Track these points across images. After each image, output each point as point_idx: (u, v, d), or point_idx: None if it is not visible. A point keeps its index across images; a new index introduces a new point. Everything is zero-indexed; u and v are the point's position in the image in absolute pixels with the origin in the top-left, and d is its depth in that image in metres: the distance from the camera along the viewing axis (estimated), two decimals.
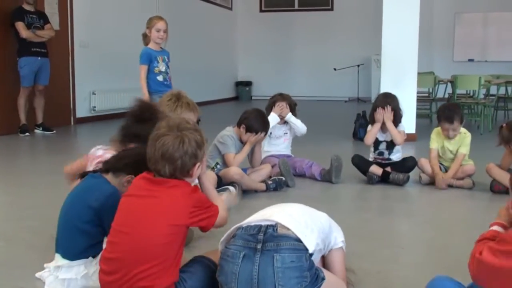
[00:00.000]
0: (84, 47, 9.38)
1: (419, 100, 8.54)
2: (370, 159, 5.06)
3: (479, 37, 15.21)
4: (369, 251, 3.16)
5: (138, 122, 2.95)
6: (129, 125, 2.99)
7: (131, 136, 2.89)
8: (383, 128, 4.97)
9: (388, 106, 4.92)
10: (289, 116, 5.26)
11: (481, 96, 9.39)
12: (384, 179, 4.88)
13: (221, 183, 4.26)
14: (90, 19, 9.52)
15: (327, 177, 4.92)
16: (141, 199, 2.23)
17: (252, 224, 2.22)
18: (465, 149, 4.82)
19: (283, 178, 4.67)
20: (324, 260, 2.39)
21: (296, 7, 15.76)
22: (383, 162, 5.02)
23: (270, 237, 2.14)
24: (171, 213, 2.16)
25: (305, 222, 2.27)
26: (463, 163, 4.80)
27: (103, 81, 9.75)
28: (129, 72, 9.85)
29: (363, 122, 7.50)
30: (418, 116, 7.80)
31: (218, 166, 4.52)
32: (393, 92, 7.11)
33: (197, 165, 2.26)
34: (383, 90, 7.40)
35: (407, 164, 4.94)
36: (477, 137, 6.59)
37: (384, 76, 7.52)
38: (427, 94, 10.14)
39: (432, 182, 4.83)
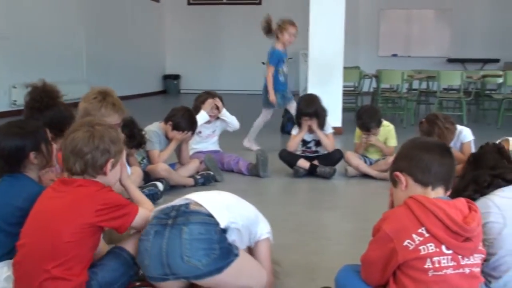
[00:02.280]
0: (5, 39, 9.00)
1: (345, 94, 8.71)
2: (298, 152, 5.11)
3: (403, 33, 15.66)
4: (297, 243, 3.19)
5: (38, 112, 2.86)
6: (27, 116, 2.90)
7: None
8: (310, 129, 5.03)
9: (314, 118, 4.95)
10: (224, 112, 5.23)
11: (404, 90, 9.68)
12: (311, 172, 4.94)
13: (149, 179, 4.19)
14: (10, 11, 9.15)
15: (254, 171, 4.93)
16: (48, 200, 2.18)
17: (169, 205, 2.25)
18: (393, 141, 4.97)
19: (211, 173, 4.65)
20: (250, 252, 2.40)
21: (224, 0, 15.71)
22: (311, 155, 5.08)
23: (182, 213, 2.17)
24: (75, 211, 2.10)
25: (222, 202, 2.31)
26: (386, 156, 4.93)
27: (24, 74, 9.38)
28: (51, 64, 9.59)
29: (290, 116, 7.55)
30: (344, 109, 7.95)
31: (144, 161, 4.44)
32: (320, 87, 7.29)
33: (110, 161, 2.20)
34: (310, 84, 7.53)
35: (333, 157, 5.02)
36: (400, 130, 6.77)
37: (311, 71, 7.62)
38: (353, 88, 10.35)
39: (358, 175, 4.95)
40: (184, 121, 4.51)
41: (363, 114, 4.95)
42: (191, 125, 4.56)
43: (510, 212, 2.10)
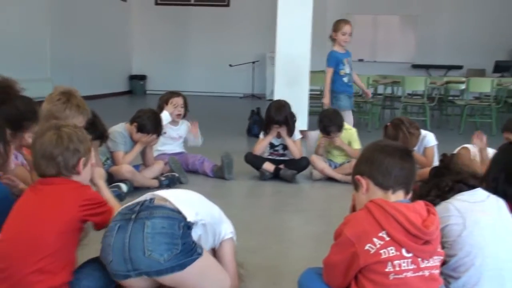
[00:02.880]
0: None
1: (312, 97, 8.74)
2: (265, 154, 5.11)
3: (369, 38, 15.83)
4: (261, 246, 3.19)
5: None
6: None
7: None
8: (278, 134, 5.03)
9: (284, 126, 4.95)
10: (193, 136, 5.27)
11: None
12: (277, 175, 4.95)
13: (112, 180, 4.14)
14: None
15: (219, 173, 4.91)
16: (30, 198, 2.18)
17: (134, 201, 2.25)
18: (357, 144, 5.01)
19: (176, 174, 4.62)
20: (215, 253, 2.39)
21: (192, 1, 15.64)
22: (278, 158, 5.09)
23: (145, 207, 2.17)
24: (60, 207, 2.12)
25: (188, 198, 2.31)
26: (351, 159, 4.97)
27: None
28: (13, 62, 9.36)
29: (257, 118, 7.59)
30: (311, 113, 7.98)
31: (108, 161, 4.38)
32: (287, 90, 7.31)
33: (82, 160, 2.21)
34: (277, 87, 7.55)
35: (300, 164, 5.03)
36: (365, 134, 6.85)
37: (278, 74, 7.63)
38: (319, 92, 10.39)
39: (323, 178, 4.98)
40: (149, 124, 4.46)
41: (324, 118, 4.99)
42: (156, 129, 4.51)
43: (469, 215, 2.15)
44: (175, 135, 5.23)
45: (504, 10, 15.04)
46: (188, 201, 2.27)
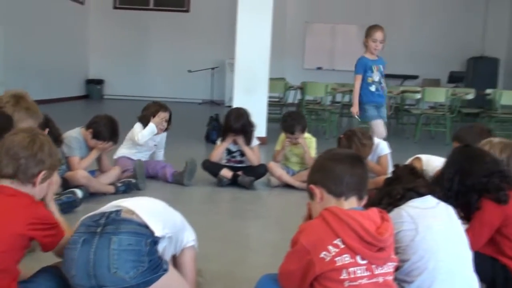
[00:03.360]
0: None
1: (270, 104, 8.78)
2: (223, 161, 5.09)
3: (328, 46, 16.00)
4: (219, 253, 3.18)
5: None
6: None
7: None
8: (235, 140, 5.03)
9: (241, 134, 4.96)
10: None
11: (328, 103, 9.87)
12: (235, 182, 4.94)
13: (67, 186, 4.05)
14: None
15: (179, 179, 4.88)
16: None
17: (98, 212, 2.18)
18: (313, 152, 5.04)
19: (133, 181, 4.56)
20: (175, 260, 2.37)
21: (152, 6, 15.53)
22: (235, 165, 5.08)
23: (112, 221, 2.10)
24: (7, 220, 2.02)
25: (154, 209, 2.27)
26: (308, 167, 5.01)
27: None
28: None
29: (215, 125, 7.57)
30: (269, 120, 8.02)
31: (63, 167, 4.30)
32: (245, 97, 7.32)
33: (42, 173, 2.13)
34: (236, 94, 7.55)
35: (258, 171, 5.04)
36: (323, 141, 6.90)
37: (237, 81, 7.65)
38: (278, 99, 10.46)
39: (280, 185, 4.99)
40: (105, 131, 4.40)
41: (289, 117, 5.05)
42: (113, 136, 4.45)
43: (421, 220, 2.20)
44: (151, 144, 5.17)
45: (459, 22, 15.43)
46: (154, 214, 2.23)
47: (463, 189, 2.51)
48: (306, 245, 1.93)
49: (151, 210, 2.24)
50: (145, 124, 5.01)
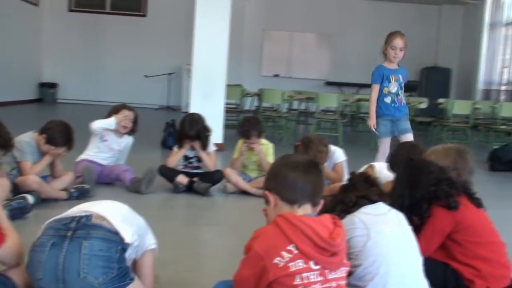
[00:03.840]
0: None
1: (228, 111, 8.77)
2: (180, 167, 5.06)
3: (285, 54, 16.12)
4: (174, 259, 3.14)
5: None
6: None
7: None
8: (192, 146, 5.00)
9: (197, 140, 4.94)
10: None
11: (285, 110, 9.93)
12: (191, 188, 4.91)
13: (18, 191, 3.95)
14: None
15: (137, 186, 4.78)
16: None
17: (67, 215, 2.15)
18: (271, 159, 5.06)
19: (86, 186, 4.48)
20: (135, 263, 2.35)
21: (108, 9, 15.34)
22: (192, 171, 5.05)
23: (82, 226, 2.09)
24: None
25: (123, 215, 2.26)
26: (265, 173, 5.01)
27: None
28: None
29: (172, 130, 7.51)
30: (226, 126, 8.01)
31: (14, 171, 4.19)
32: (202, 103, 7.30)
33: None
34: (192, 100, 7.53)
35: (214, 177, 5.02)
36: (280, 148, 6.92)
37: (194, 87, 7.62)
38: (235, 106, 10.47)
39: (237, 191, 4.99)
40: (59, 137, 4.31)
41: (245, 122, 5.07)
42: (66, 142, 4.36)
43: (373, 226, 2.25)
44: (115, 146, 5.08)
45: (413, 33, 15.70)
46: (124, 220, 2.22)
47: (413, 201, 2.56)
48: (260, 251, 1.93)
49: (121, 216, 2.24)
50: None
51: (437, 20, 15.99)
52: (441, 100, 10.55)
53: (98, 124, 4.92)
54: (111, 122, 4.95)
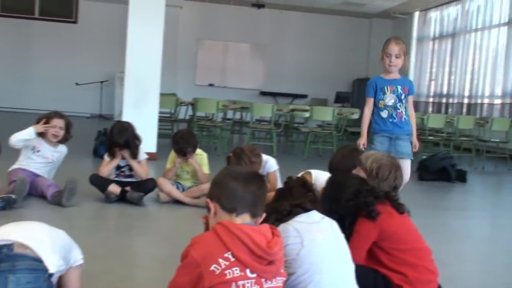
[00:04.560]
0: None
1: (161, 120, 8.70)
2: (112, 176, 4.96)
3: (219, 64, 16.16)
4: (106, 270, 3.07)
5: None
6: None
7: None
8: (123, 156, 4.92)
9: (126, 149, 4.86)
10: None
11: (219, 119, 9.93)
12: (123, 197, 4.82)
13: None
14: None
15: (58, 199, 4.56)
16: None
17: None
18: (206, 168, 5.04)
19: (13, 197, 4.30)
20: (60, 278, 2.27)
21: (37, 15, 14.93)
22: (124, 179, 4.96)
23: (5, 257, 1.99)
24: None
25: (46, 240, 2.17)
26: (199, 183, 4.99)
27: None
28: None
29: (103, 139, 7.36)
30: (160, 135, 7.93)
31: None
32: (135, 111, 7.21)
33: None
34: (125, 108, 7.42)
35: (146, 186, 4.94)
36: (215, 158, 6.92)
37: (127, 95, 7.51)
38: (169, 115, 10.38)
39: (170, 201, 4.94)
40: None
41: (180, 139, 4.96)
42: None
43: (307, 234, 2.27)
44: (49, 155, 4.88)
45: (345, 44, 16.13)
46: (47, 245, 2.13)
47: (339, 217, 2.61)
48: (197, 257, 1.92)
49: (43, 242, 2.14)
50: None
51: (368, 32, 16.44)
52: None
53: (16, 137, 4.68)
54: (29, 132, 4.72)
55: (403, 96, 4.47)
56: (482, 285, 2.66)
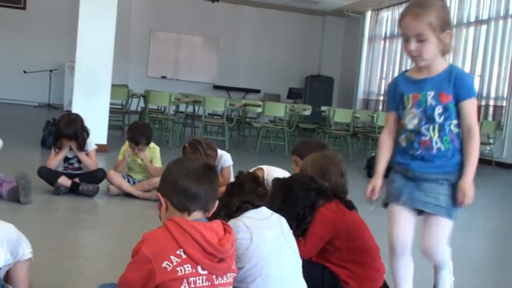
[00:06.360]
0: None
1: (112, 111, 8.58)
2: (60, 168, 4.87)
3: (172, 56, 16.03)
4: (53, 263, 3.04)
5: None
6: None
7: None
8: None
9: (73, 140, 4.76)
10: None
11: (172, 112, 9.86)
12: (73, 190, 4.75)
13: None
14: None
15: (15, 196, 4.37)
16: None
17: None
18: (158, 162, 5.01)
19: None
20: (7, 272, 2.25)
21: None
22: (73, 172, 4.89)
23: None
24: None
25: None
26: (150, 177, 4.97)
27: None
28: None
29: (52, 129, 7.22)
30: (111, 127, 7.83)
31: None
32: (86, 102, 7.10)
33: None
34: (75, 98, 7.29)
35: (96, 176, 4.89)
36: (166, 151, 6.88)
37: (77, 85, 7.38)
38: (120, 106, 10.25)
39: (120, 194, 4.89)
40: None
41: (135, 128, 4.96)
42: None
43: (256, 230, 2.30)
44: None
45: (298, 42, 16.27)
46: None
47: (289, 215, 2.62)
48: (148, 254, 1.92)
49: None
50: None
51: (321, 30, 16.62)
52: (323, 108, 10.95)
53: None
54: None
55: (437, 110, 2.45)
56: (428, 278, 2.75)
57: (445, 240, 2.45)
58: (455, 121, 2.44)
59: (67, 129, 4.73)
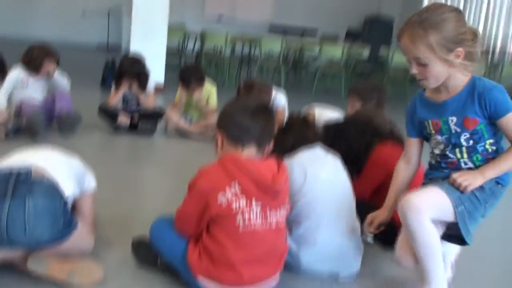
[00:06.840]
0: None
1: (169, 53, 8.63)
2: (119, 108, 4.99)
3: None
4: (115, 198, 3.17)
5: None
6: None
7: None
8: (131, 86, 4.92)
9: (136, 80, 4.84)
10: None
11: (228, 53, 9.82)
12: (132, 128, 4.87)
13: None
14: None
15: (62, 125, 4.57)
16: None
17: (3, 170, 2.10)
18: (214, 102, 5.07)
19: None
20: (75, 203, 2.37)
21: None
22: (131, 111, 5.00)
23: (23, 182, 2.05)
24: None
25: (61, 165, 2.26)
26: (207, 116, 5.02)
27: None
28: None
29: (111, 70, 7.36)
30: (168, 68, 7.89)
31: None
32: (143, 43, 7.15)
33: None
34: (133, 40, 7.35)
35: (154, 115, 4.99)
36: (223, 92, 6.91)
37: (134, 26, 7.42)
38: (177, 48, 10.28)
39: (178, 133, 4.98)
40: None
41: (186, 70, 5.03)
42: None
43: (309, 168, 2.34)
44: (42, 86, 4.76)
45: None
46: (63, 171, 2.23)
47: (352, 163, 2.71)
48: (204, 188, 1.97)
49: (59, 167, 2.23)
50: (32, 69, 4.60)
51: None
52: (382, 50, 10.67)
53: None
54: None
55: (463, 137, 2.16)
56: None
57: (429, 209, 2.02)
58: (490, 141, 2.12)
59: (131, 68, 4.84)
